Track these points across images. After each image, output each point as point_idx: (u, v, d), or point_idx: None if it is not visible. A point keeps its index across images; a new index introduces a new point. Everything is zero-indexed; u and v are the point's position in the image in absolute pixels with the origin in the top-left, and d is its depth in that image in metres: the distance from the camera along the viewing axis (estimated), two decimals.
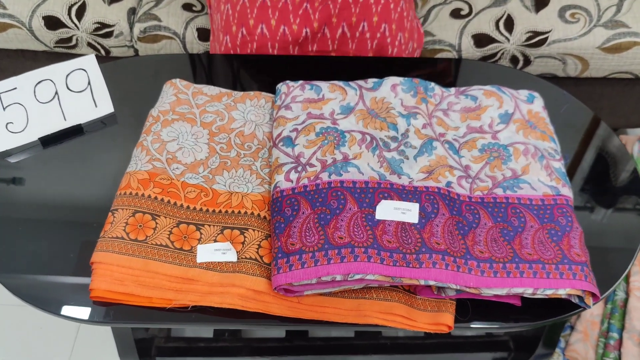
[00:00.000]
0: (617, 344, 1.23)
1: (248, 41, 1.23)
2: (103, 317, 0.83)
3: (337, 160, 0.90)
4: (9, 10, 1.40)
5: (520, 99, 1.03)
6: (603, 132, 1.08)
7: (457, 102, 1.02)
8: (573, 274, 0.79)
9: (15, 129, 0.99)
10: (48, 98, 1.01)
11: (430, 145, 0.93)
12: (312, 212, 0.83)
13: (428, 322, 0.79)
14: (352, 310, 0.80)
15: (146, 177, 0.90)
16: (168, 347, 1.26)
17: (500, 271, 0.79)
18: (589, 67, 1.39)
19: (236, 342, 1.28)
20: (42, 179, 0.98)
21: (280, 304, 0.80)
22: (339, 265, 0.77)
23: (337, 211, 0.83)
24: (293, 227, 0.82)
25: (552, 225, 0.85)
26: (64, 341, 1.38)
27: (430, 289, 0.80)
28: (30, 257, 0.87)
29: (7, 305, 1.42)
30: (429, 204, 0.84)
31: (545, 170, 0.92)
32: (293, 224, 0.82)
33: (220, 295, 0.80)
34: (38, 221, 0.92)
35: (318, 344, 1.27)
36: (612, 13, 1.36)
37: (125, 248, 0.83)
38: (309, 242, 0.80)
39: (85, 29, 1.40)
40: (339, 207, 0.84)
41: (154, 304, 0.81)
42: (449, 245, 0.80)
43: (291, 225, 0.82)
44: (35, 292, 0.84)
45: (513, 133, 0.97)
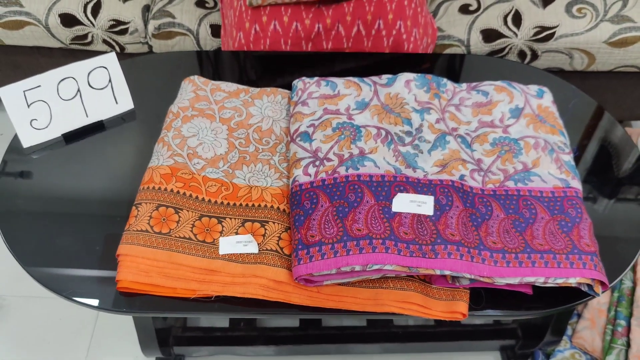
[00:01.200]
0: (625, 331, 1.25)
1: (261, 37, 1.25)
2: (129, 306, 0.86)
3: (353, 154, 0.93)
4: (25, 8, 1.42)
5: (530, 94, 1.05)
6: (609, 124, 1.11)
7: (468, 97, 1.05)
8: (583, 264, 0.82)
9: (40, 126, 1.02)
10: (71, 95, 1.03)
11: (444, 140, 0.96)
12: (330, 205, 0.86)
13: (443, 311, 0.82)
14: (370, 300, 0.83)
15: (168, 172, 0.93)
16: (185, 337, 1.30)
17: (512, 261, 0.82)
18: (595, 61, 1.42)
19: (251, 331, 1.31)
20: (66, 174, 1.01)
21: (300, 294, 0.83)
22: (358, 256, 0.80)
23: (354, 204, 0.86)
24: (312, 219, 0.85)
25: (562, 217, 0.88)
26: (82, 333, 1.40)
27: (445, 278, 0.83)
28: (56, 249, 0.89)
29: (27, 297, 1.45)
30: (444, 196, 0.87)
31: (555, 164, 0.94)
32: (312, 217, 0.85)
33: (242, 285, 0.83)
34: (63, 215, 0.95)
35: (331, 332, 1.30)
36: (618, 8, 1.38)
37: (150, 241, 0.86)
38: (328, 234, 0.83)
39: (101, 26, 1.43)
40: (357, 200, 0.86)
41: (178, 294, 0.84)
42: (463, 237, 0.83)
43: (310, 217, 0.85)
44: (62, 283, 0.87)
45: (523, 127, 1.00)
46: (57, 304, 1.43)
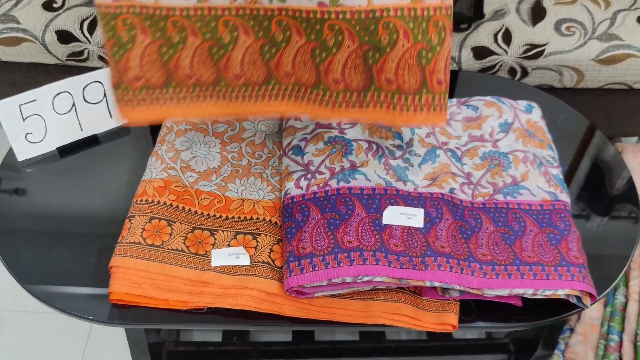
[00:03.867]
0: (617, 346, 1.26)
1: None
2: (121, 318, 0.87)
3: (344, 167, 0.94)
4: (22, 25, 1.44)
5: (519, 109, 1.07)
6: (599, 141, 1.13)
7: (458, 112, 1.07)
8: (571, 276, 0.83)
9: (34, 139, 1.03)
10: (66, 109, 1.05)
11: (434, 154, 0.97)
12: (322, 217, 0.87)
13: (433, 322, 0.83)
14: (361, 311, 0.84)
15: (161, 185, 0.94)
16: (178, 351, 1.29)
17: (502, 273, 0.83)
18: (584, 78, 1.44)
19: (244, 345, 1.31)
20: (60, 189, 1.01)
21: (292, 306, 0.84)
22: (349, 268, 0.81)
23: (346, 216, 0.87)
24: (304, 231, 0.86)
25: (551, 229, 0.89)
26: (75, 348, 1.40)
27: (435, 290, 0.84)
28: (50, 263, 0.90)
29: (20, 311, 1.45)
30: (434, 209, 0.88)
31: (543, 177, 0.96)
32: (304, 229, 0.86)
33: (234, 297, 0.84)
34: (56, 229, 0.96)
35: (324, 347, 1.30)
36: (606, 26, 1.41)
37: (143, 253, 0.86)
38: (319, 246, 0.84)
39: (97, 43, 1.44)
40: (348, 213, 0.88)
41: (171, 305, 0.85)
42: (452, 249, 0.84)
43: (302, 230, 0.86)
44: (56, 297, 0.87)
45: (512, 141, 1.02)
46: (50, 319, 1.43)
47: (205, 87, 0.77)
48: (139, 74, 0.77)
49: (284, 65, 0.76)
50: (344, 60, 0.75)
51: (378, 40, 0.75)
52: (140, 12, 0.78)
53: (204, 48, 0.78)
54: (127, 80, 0.77)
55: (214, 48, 0.78)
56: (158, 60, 0.78)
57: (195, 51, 0.78)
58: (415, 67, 0.74)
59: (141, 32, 0.78)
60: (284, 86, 0.77)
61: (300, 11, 0.77)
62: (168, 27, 0.78)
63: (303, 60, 0.76)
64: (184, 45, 0.78)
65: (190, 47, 0.78)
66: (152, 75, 0.77)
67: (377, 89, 0.74)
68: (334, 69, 0.75)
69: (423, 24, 0.75)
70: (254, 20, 0.78)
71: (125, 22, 0.78)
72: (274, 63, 0.77)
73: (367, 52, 0.75)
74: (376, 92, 0.74)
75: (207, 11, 0.78)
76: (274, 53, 0.77)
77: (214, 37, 0.78)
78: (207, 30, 0.78)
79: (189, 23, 0.78)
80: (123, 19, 0.78)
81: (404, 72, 0.74)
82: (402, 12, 0.75)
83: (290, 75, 0.77)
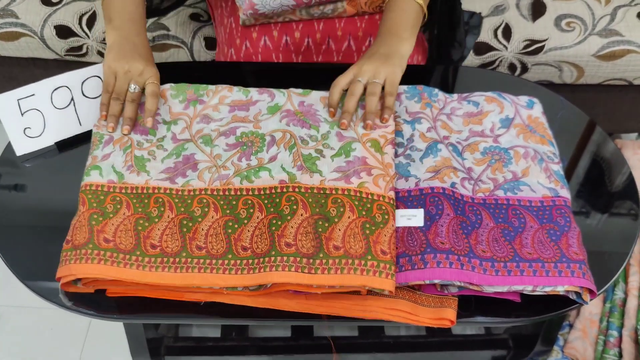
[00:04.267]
0: (617, 342, 1.26)
1: (252, 53, 1.26)
2: (119, 313, 0.87)
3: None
4: (21, 19, 1.44)
5: (520, 104, 1.07)
6: (598, 137, 1.12)
7: (459, 107, 1.06)
8: (571, 272, 0.83)
9: (33, 134, 1.03)
10: (64, 104, 1.04)
11: (435, 148, 0.97)
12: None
13: (431, 317, 0.83)
14: (358, 305, 0.84)
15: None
16: (177, 347, 1.30)
17: (501, 270, 0.83)
18: (584, 74, 1.44)
19: (243, 341, 1.31)
20: (59, 184, 1.01)
21: (289, 300, 0.84)
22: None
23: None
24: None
25: (551, 226, 0.89)
26: (74, 343, 1.40)
27: (434, 286, 0.84)
28: (49, 259, 0.88)
29: (19, 307, 1.45)
30: (434, 206, 0.88)
31: (544, 173, 0.96)
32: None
33: (230, 293, 0.85)
34: (55, 224, 0.95)
35: (323, 342, 1.30)
36: (606, 22, 1.41)
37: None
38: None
39: (96, 38, 1.44)
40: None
41: (167, 296, 0.85)
42: (453, 244, 0.83)
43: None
44: (55, 292, 0.87)
45: (513, 137, 1.01)
46: (49, 314, 1.44)
47: (166, 258, 0.84)
48: (110, 238, 0.85)
49: (243, 240, 0.85)
50: (296, 226, 0.84)
51: (327, 212, 0.86)
52: (130, 192, 0.91)
53: (176, 221, 0.87)
54: (97, 240, 0.84)
55: (184, 220, 0.87)
56: (132, 229, 0.86)
57: (168, 224, 0.87)
58: (360, 236, 0.83)
59: (126, 206, 0.89)
60: (239, 260, 0.84)
61: (264, 189, 0.90)
62: (150, 204, 0.89)
63: (260, 233, 0.85)
64: (160, 218, 0.88)
65: (165, 220, 0.88)
66: (122, 241, 0.85)
67: (326, 256, 0.81)
68: (287, 233, 0.83)
69: (367, 204, 0.87)
70: (225, 199, 0.90)
71: (114, 198, 0.89)
72: (233, 238, 0.85)
73: (318, 221, 0.84)
74: (324, 258, 0.81)
75: (188, 192, 0.91)
76: (236, 229, 0.86)
77: (187, 210, 0.89)
78: (182, 205, 0.89)
79: (168, 199, 0.90)
80: (113, 196, 0.90)
81: (349, 239, 0.83)
82: (349, 192, 0.88)
83: (247, 249, 0.84)
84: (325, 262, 0.81)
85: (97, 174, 0.92)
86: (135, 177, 0.92)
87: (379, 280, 0.79)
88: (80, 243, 0.84)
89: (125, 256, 0.84)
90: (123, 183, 0.92)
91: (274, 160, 0.94)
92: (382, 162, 0.93)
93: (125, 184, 0.91)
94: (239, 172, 0.93)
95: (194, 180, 0.92)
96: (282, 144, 0.96)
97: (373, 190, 0.88)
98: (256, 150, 0.96)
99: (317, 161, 0.93)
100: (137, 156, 0.96)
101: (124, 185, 0.91)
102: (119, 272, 0.82)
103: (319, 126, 0.99)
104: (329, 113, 1.01)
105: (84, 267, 0.82)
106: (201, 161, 0.95)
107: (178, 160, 0.95)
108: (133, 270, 0.83)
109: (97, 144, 0.97)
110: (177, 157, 0.96)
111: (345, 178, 0.90)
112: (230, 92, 1.07)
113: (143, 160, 0.95)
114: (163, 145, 0.98)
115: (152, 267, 0.83)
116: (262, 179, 0.91)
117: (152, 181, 0.92)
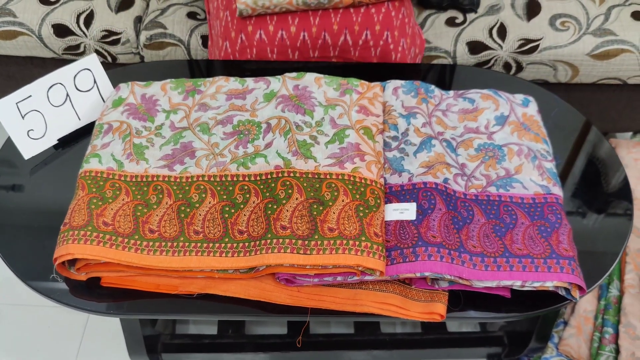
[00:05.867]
0: (612, 338, 1.26)
1: (247, 47, 1.26)
2: (116, 309, 0.88)
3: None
4: (19, 18, 1.44)
5: (516, 102, 1.08)
6: (593, 136, 1.13)
7: (455, 104, 1.07)
8: (560, 268, 0.84)
9: (36, 135, 1.04)
10: (61, 101, 1.05)
11: (429, 143, 0.98)
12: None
13: (421, 312, 0.84)
14: (349, 299, 0.85)
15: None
16: (174, 344, 1.30)
17: (491, 265, 0.84)
18: (579, 74, 1.44)
19: (240, 338, 1.32)
20: (60, 181, 1.02)
21: (280, 293, 0.86)
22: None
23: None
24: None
25: (542, 222, 0.89)
26: (71, 340, 1.41)
27: (424, 280, 0.85)
28: (47, 256, 0.89)
29: (16, 304, 1.46)
30: (426, 200, 0.89)
31: (537, 170, 0.96)
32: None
33: (224, 282, 0.86)
34: (53, 222, 0.95)
35: (319, 339, 1.31)
36: (600, 22, 1.42)
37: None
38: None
39: (93, 37, 1.45)
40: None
41: (161, 290, 0.87)
42: (444, 238, 0.84)
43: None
44: (53, 289, 0.88)
45: (508, 134, 1.02)
46: (46, 312, 1.44)
47: (164, 242, 0.86)
48: (109, 222, 0.87)
49: (239, 224, 0.87)
50: (292, 209, 0.86)
51: (322, 195, 0.87)
52: (129, 180, 0.93)
53: (175, 207, 0.89)
54: (96, 223, 0.86)
55: (182, 206, 0.89)
56: (131, 214, 0.88)
57: (166, 210, 0.89)
58: (354, 218, 0.85)
59: (125, 193, 0.91)
60: (235, 244, 0.85)
61: (260, 174, 0.92)
62: (149, 191, 0.92)
63: (256, 217, 0.87)
64: (158, 205, 0.90)
65: (164, 206, 0.90)
66: (121, 225, 0.87)
67: (321, 237, 0.83)
68: (282, 217, 0.85)
69: (361, 188, 0.89)
70: (221, 185, 0.92)
71: (113, 185, 0.92)
72: (230, 222, 0.87)
73: (312, 204, 0.86)
74: (320, 239, 0.83)
75: (186, 179, 0.93)
76: (232, 213, 0.88)
77: (185, 197, 0.91)
78: (180, 192, 0.91)
79: (167, 187, 0.92)
80: (112, 183, 0.92)
81: (344, 221, 0.84)
82: (343, 177, 0.90)
83: (243, 233, 0.86)
84: (320, 243, 0.82)
85: (97, 162, 0.94)
86: (135, 165, 0.94)
87: (372, 261, 0.81)
88: (78, 225, 0.85)
89: (123, 239, 0.85)
90: (122, 171, 0.94)
91: (270, 147, 0.96)
92: (374, 149, 0.95)
93: (125, 172, 0.94)
94: (235, 159, 0.95)
95: (192, 167, 0.94)
96: (277, 130, 0.98)
97: (366, 175, 0.90)
98: (252, 138, 0.98)
99: (312, 148, 0.95)
100: (136, 144, 0.98)
101: (123, 173, 0.93)
102: (117, 254, 0.84)
103: (314, 111, 1.01)
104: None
105: (82, 248, 0.83)
106: (199, 149, 0.97)
107: (176, 147, 0.98)
108: (132, 253, 0.84)
109: (98, 134, 0.99)
110: (175, 144, 0.98)
111: (339, 164, 0.92)
112: (227, 82, 1.09)
113: (142, 148, 0.97)
114: (161, 133, 1.00)
115: (150, 250, 0.85)
116: (258, 165, 0.93)
117: (151, 169, 0.94)
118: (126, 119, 1.01)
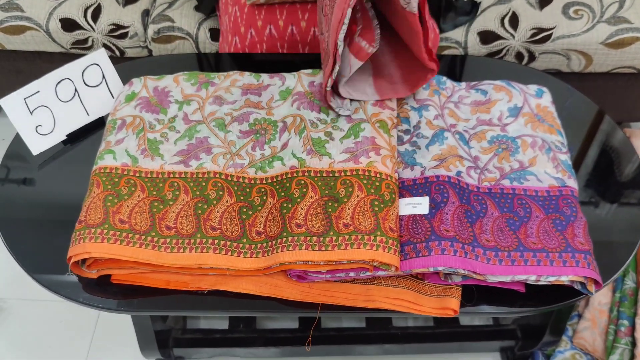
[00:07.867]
0: (628, 331, 1.25)
1: (257, 42, 1.25)
2: (127, 306, 0.87)
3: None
4: (26, 13, 1.44)
5: (530, 93, 1.06)
6: (607, 126, 1.11)
7: (467, 95, 1.06)
8: (576, 262, 0.82)
9: (45, 131, 1.03)
10: (69, 96, 1.04)
11: (442, 135, 0.96)
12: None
13: (434, 307, 0.83)
14: (361, 295, 0.84)
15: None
16: (185, 339, 1.30)
17: (505, 259, 0.83)
18: (592, 63, 1.42)
19: (251, 332, 1.31)
20: (69, 176, 1.02)
21: (292, 289, 0.85)
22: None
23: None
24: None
25: (557, 215, 0.88)
26: (82, 336, 1.41)
27: (437, 275, 0.84)
28: (58, 252, 0.89)
29: (27, 299, 1.46)
30: (439, 194, 0.88)
31: (552, 162, 0.95)
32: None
33: (235, 280, 0.85)
34: (63, 217, 0.96)
35: (331, 334, 1.30)
36: (614, 9, 1.39)
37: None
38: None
39: (101, 31, 1.44)
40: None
41: (171, 285, 0.86)
42: (458, 232, 0.83)
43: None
44: (64, 285, 0.88)
45: (521, 126, 1.00)
46: (57, 307, 1.44)
47: (181, 239, 0.85)
48: (126, 219, 0.86)
49: (257, 225, 0.87)
50: (306, 208, 0.85)
51: (337, 193, 0.87)
52: (144, 176, 0.92)
53: (192, 204, 0.89)
54: (112, 221, 0.86)
55: (199, 203, 0.89)
56: (147, 211, 0.88)
57: (182, 207, 0.89)
58: (369, 212, 0.84)
59: (140, 189, 0.90)
60: (253, 245, 0.85)
61: (276, 176, 0.91)
62: (165, 187, 0.91)
63: (272, 217, 0.87)
64: (175, 201, 0.89)
65: (180, 202, 0.89)
66: (137, 222, 0.86)
67: (336, 233, 0.82)
68: (297, 215, 0.84)
69: (376, 183, 0.88)
70: (238, 186, 0.91)
71: (128, 181, 0.91)
72: (248, 223, 0.87)
73: (327, 202, 0.86)
74: (335, 236, 0.82)
75: (202, 175, 0.92)
76: (250, 215, 0.88)
77: (202, 194, 0.90)
78: (197, 189, 0.91)
79: (183, 183, 0.91)
80: (127, 179, 0.91)
81: (359, 216, 0.83)
82: (358, 172, 0.89)
83: (261, 234, 0.86)
84: (335, 239, 0.81)
85: (111, 158, 0.94)
86: (150, 161, 0.94)
87: (388, 256, 0.80)
88: (95, 223, 0.85)
89: (140, 237, 0.85)
90: (137, 167, 0.93)
91: (285, 147, 0.95)
92: (389, 143, 0.94)
93: (140, 168, 0.93)
94: (253, 162, 0.94)
95: (208, 163, 0.94)
96: (292, 128, 0.98)
97: (381, 169, 0.89)
98: (269, 139, 0.97)
99: (327, 144, 0.94)
100: (150, 139, 0.97)
101: (138, 169, 0.93)
102: (135, 252, 0.83)
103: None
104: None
105: (99, 246, 0.83)
106: (215, 146, 0.96)
107: (191, 142, 0.97)
108: (149, 251, 0.84)
109: (111, 130, 0.99)
110: (190, 139, 0.97)
111: (354, 159, 0.91)
112: (242, 76, 1.08)
113: (156, 143, 0.97)
114: (175, 126, 0.99)
115: (167, 247, 0.84)
116: (275, 168, 0.93)
117: (167, 165, 0.93)
118: (139, 113, 1.00)
